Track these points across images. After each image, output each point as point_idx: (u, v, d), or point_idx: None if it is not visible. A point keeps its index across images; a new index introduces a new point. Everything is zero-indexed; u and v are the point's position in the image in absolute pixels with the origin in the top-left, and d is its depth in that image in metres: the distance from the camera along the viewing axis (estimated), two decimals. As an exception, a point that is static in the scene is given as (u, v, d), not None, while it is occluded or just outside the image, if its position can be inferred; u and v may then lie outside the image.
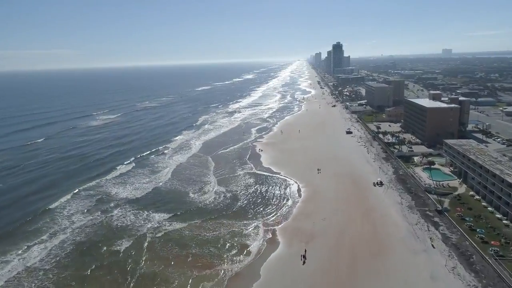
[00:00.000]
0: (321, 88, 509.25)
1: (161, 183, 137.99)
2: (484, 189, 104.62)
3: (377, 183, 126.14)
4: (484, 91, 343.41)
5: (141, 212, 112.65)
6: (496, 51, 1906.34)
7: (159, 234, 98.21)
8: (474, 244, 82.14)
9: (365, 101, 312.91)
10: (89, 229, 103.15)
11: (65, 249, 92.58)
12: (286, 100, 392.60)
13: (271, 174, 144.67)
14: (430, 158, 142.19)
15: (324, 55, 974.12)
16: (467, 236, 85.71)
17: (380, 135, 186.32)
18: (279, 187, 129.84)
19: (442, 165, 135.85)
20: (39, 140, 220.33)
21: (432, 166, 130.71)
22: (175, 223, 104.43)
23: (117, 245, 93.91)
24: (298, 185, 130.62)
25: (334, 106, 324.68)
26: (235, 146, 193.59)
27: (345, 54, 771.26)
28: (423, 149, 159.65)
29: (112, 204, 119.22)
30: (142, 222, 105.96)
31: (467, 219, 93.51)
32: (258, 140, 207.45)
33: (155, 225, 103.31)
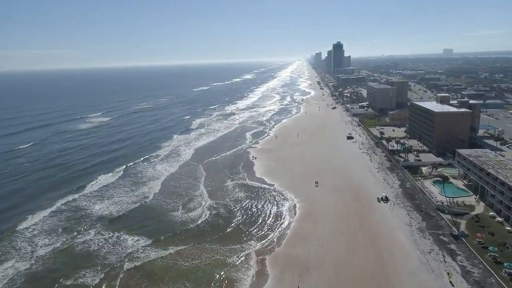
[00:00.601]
0: (321, 89, 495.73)
1: (146, 198, 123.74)
2: (507, 209, 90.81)
3: (382, 198, 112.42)
4: (491, 92, 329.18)
5: (117, 235, 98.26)
6: (496, 51, 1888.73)
7: (133, 265, 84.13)
8: (503, 284, 68.35)
9: (367, 103, 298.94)
10: (52, 257, 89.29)
11: (16, 283, 78.93)
12: (284, 102, 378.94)
13: (264, 186, 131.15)
14: (440, 169, 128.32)
15: (324, 55, 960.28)
16: (492, 272, 71.88)
17: (384, 141, 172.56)
18: (273, 203, 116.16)
19: (454, 177, 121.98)
20: (25, 146, 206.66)
21: (445, 181, 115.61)
22: (154, 250, 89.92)
23: (80, 278, 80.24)
24: (294, 200, 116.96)
25: (334, 108, 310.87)
26: (228, 153, 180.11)
27: (346, 54, 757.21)
28: (431, 158, 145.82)
29: (86, 225, 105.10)
30: (116, 249, 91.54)
31: (490, 248, 79.64)
32: (252, 146, 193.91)
33: (131, 254, 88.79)
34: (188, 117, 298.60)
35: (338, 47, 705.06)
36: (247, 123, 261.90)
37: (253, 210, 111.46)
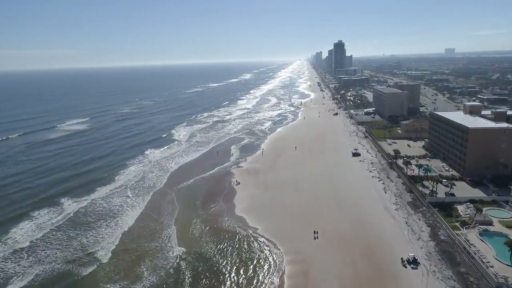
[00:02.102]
0: (321, 91, 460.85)
1: (84, 256, 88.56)
2: None
3: (408, 260, 78.05)
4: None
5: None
6: (499, 50, 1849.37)
7: None
8: None
9: (373, 109, 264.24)
10: None
11: None
12: (281, 106, 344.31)
13: (244, 232, 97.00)
14: (485, 210, 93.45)
15: (325, 55, 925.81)
16: None
17: (400, 161, 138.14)
18: (251, 264, 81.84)
19: (508, 226, 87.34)
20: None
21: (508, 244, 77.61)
22: None
23: None
24: (282, 261, 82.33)
25: (336, 114, 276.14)
26: (209, 175, 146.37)
27: (347, 54, 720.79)
28: (465, 189, 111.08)
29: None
30: None
31: None
32: (239, 164, 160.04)
33: None
34: (173, 125, 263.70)
35: (339, 46, 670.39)
36: (238, 133, 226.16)
37: (222, 278, 77.16)
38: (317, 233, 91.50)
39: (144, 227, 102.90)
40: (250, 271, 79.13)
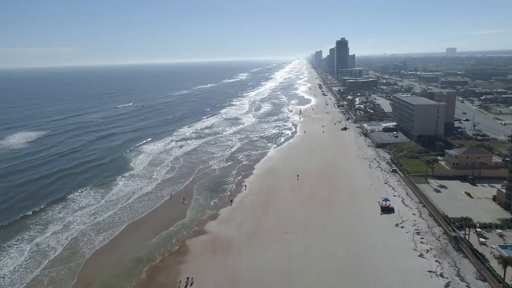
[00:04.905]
0: (324, 95, 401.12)
1: None
2: None
3: None
4: None
5: None
6: (500, 50, 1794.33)
7: None
8: None
9: (394, 123, 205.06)
10: None
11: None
12: (277, 116, 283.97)
13: None
14: None
15: (325, 53, 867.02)
16: None
17: (474, 237, 79.25)
18: None
19: None
20: None
21: None
22: None
23: None
24: None
25: (345, 129, 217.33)
26: (147, 254, 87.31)
27: (349, 53, 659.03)
28: None
29: None
30: None
31: None
32: (204, 225, 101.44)
33: None
34: (136, 139, 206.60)
35: (342, 44, 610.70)
36: (216, 162, 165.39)
37: None
38: None
39: None
40: None
